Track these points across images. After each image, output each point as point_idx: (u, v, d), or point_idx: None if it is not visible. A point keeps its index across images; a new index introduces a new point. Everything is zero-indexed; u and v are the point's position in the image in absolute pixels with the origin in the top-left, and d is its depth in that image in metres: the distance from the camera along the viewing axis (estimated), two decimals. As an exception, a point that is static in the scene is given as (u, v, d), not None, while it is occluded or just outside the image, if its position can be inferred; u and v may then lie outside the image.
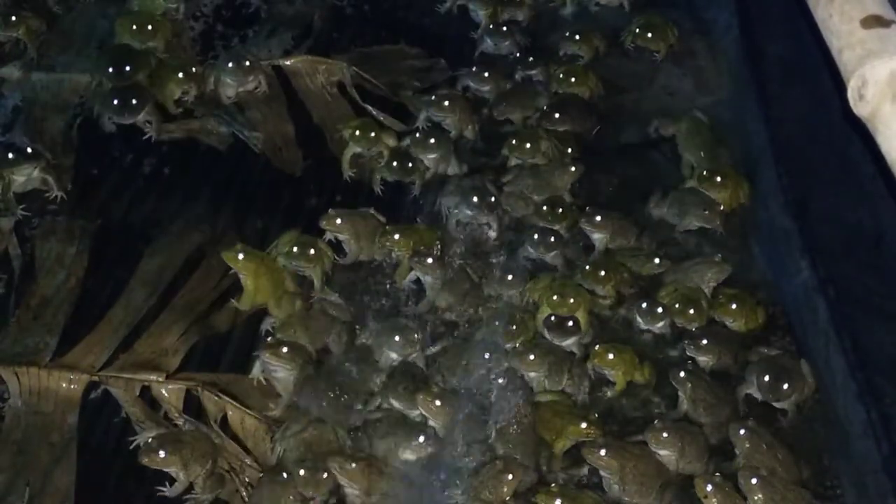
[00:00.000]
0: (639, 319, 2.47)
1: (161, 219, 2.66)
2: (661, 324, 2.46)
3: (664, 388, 2.36)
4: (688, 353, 2.40)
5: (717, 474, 2.16)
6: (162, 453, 2.06)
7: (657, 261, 2.62)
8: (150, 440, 2.09)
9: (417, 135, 2.79)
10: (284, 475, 2.08)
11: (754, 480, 2.08)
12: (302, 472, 2.07)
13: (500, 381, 2.32)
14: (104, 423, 2.22)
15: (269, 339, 2.34)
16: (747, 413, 2.32)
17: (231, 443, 2.20)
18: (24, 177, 2.63)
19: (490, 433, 2.22)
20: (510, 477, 2.10)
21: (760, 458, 2.18)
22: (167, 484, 2.10)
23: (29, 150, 2.66)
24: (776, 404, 2.32)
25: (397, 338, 2.33)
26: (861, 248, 2.26)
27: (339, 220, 2.54)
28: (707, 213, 2.68)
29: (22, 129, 2.81)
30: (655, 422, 2.23)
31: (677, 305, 2.47)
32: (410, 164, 2.74)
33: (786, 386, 2.29)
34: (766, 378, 2.30)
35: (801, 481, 2.18)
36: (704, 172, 2.74)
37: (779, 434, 2.27)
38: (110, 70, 2.87)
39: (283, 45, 3.14)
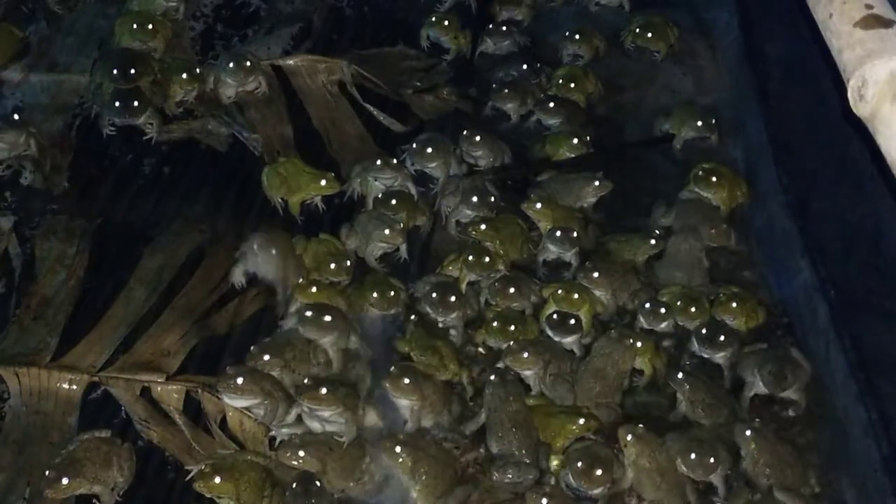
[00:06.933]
0: (641, 319, 2.47)
1: (161, 219, 2.67)
2: (664, 324, 2.47)
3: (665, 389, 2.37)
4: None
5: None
6: (217, 479, 2.03)
7: (653, 242, 2.61)
8: (204, 467, 2.06)
9: (414, 145, 2.77)
10: None
11: None
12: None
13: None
14: (104, 424, 2.21)
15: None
16: (748, 414, 2.32)
17: (230, 443, 2.19)
18: (9, 144, 2.69)
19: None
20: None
21: (766, 458, 2.18)
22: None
23: (16, 116, 2.75)
24: (782, 394, 2.31)
25: None
26: (861, 248, 2.25)
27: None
28: (714, 232, 2.66)
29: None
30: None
31: (679, 303, 2.47)
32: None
33: (788, 375, 2.29)
34: (769, 369, 2.29)
35: (805, 481, 2.18)
36: (700, 172, 2.74)
37: (780, 434, 2.26)
38: (116, 74, 2.87)
39: (283, 45, 3.14)
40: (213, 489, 2.04)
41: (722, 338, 2.39)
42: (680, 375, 2.32)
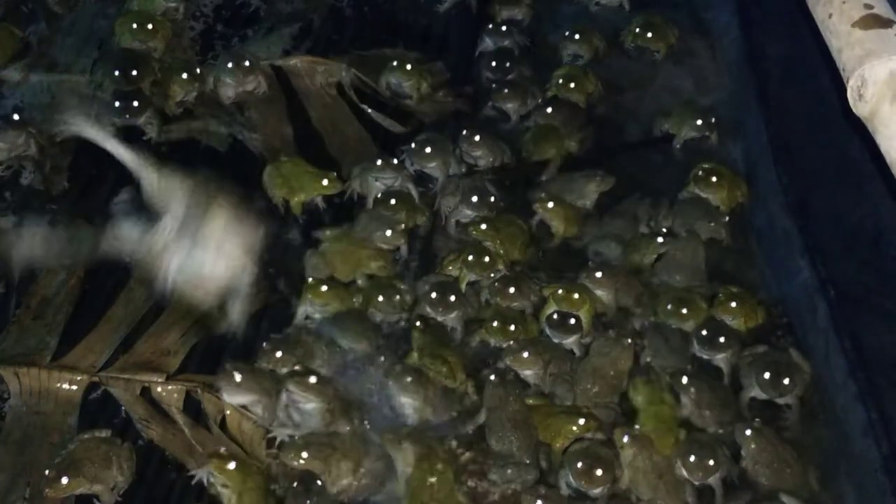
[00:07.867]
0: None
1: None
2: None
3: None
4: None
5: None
6: (232, 463, 2.06)
7: (660, 240, 2.61)
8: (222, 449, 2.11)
9: (414, 145, 2.76)
10: None
11: None
12: None
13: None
14: (104, 424, 2.22)
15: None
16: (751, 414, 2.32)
17: (230, 443, 2.19)
18: (9, 144, 2.69)
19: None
20: None
21: (767, 458, 2.18)
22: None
23: (16, 117, 2.76)
24: (779, 400, 2.31)
25: None
26: (861, 248, 2.26)
27: None
28: (713, 225, 2.67)
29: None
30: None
31: (671, 307, 2.46)
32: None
33: (787, 381, 2.29)
34: (766, 375, 2.29)
35: (805, 481, 2.18)
36: (700, 173, 2.73)
37: (781, 434, 2.26)
38: (116, 75, 2.88)
39: (283, 45, 3.14)
40: (224, 473, 2.04)
41: (722, 339, 2.38)
42: (685, 380, 2.31)
